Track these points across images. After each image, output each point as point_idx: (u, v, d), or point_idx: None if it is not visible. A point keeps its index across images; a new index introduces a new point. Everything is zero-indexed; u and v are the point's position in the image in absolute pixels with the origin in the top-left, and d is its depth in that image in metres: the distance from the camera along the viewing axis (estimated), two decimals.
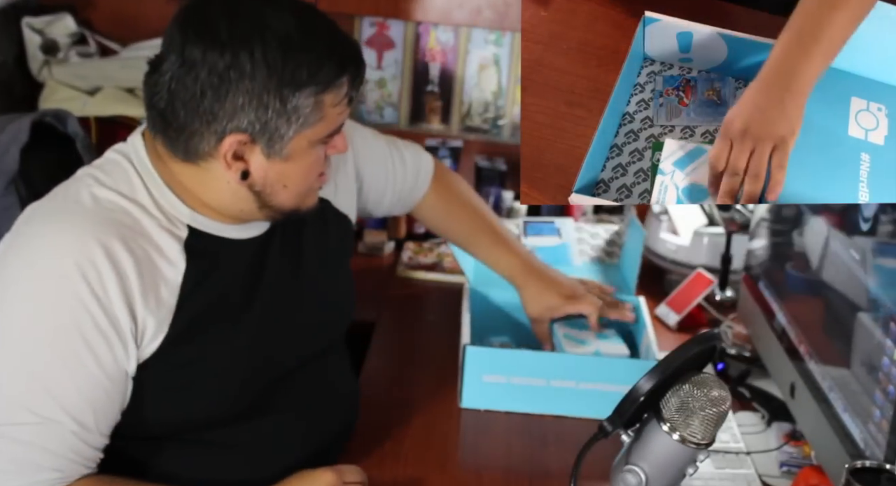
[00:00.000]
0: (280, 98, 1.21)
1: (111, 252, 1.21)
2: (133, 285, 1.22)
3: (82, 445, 1.22)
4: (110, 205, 1.25)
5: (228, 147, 1.23)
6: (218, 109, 1.20)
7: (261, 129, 1.22)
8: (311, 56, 1.21)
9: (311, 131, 1.25)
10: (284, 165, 1.26)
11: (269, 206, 1.31)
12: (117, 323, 1.21)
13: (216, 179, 1.27)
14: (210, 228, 1.31)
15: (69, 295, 1.19)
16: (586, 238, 2.21)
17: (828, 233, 1.49)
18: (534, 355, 1.69)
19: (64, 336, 1.19)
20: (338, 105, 1.26)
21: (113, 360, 1.22)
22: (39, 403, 1.19)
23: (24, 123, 1.45)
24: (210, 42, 1.18)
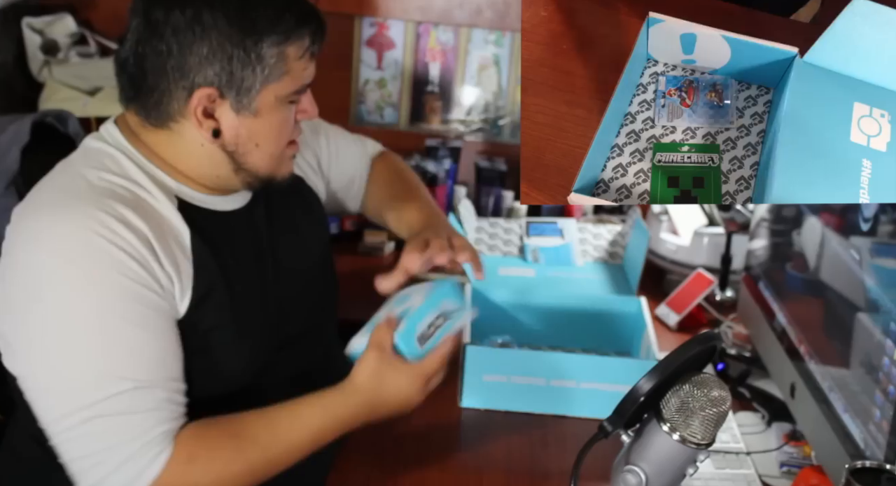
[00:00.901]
0: (243, 48, 1.25)
1: (125, 219, 1.24)
2: (156, 246, 1.25)
3: (173, 394, 1.26)
4: (105, 183, 1.27)
5: (198, 102, 1.26)
6: (184, 64, 1.24)
7: (227, 81, 1.25)
8: (269, 8, 1.26)
9: (278, 85, 1.28)
10: (254, 122, 1.29)
11: (244, 168, 1.33)
12: (156, 276, 1.25)
13: (190, 143, 1.30)
14: (196, 200, 1.34)
15: (109, 264, 1.22)
16: (589, 238, 2.22)
17: (828, 233, 1.49)
18: (534, 355, 1.69)
19: (122, 301, 1.22)
20: (301, 59, 1.29)
21: (166, 309, 1.26)
22: (130, 367, 1.22)
23: (24, 123, 1.44)
24: (172, 1, 1.24)
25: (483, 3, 2.39)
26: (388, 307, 1.44)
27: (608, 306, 1.88)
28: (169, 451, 1.24)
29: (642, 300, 1.85)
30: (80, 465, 1.23)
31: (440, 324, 1.42)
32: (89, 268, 1.22)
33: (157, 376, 1.24)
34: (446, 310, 1.43)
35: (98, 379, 1.21)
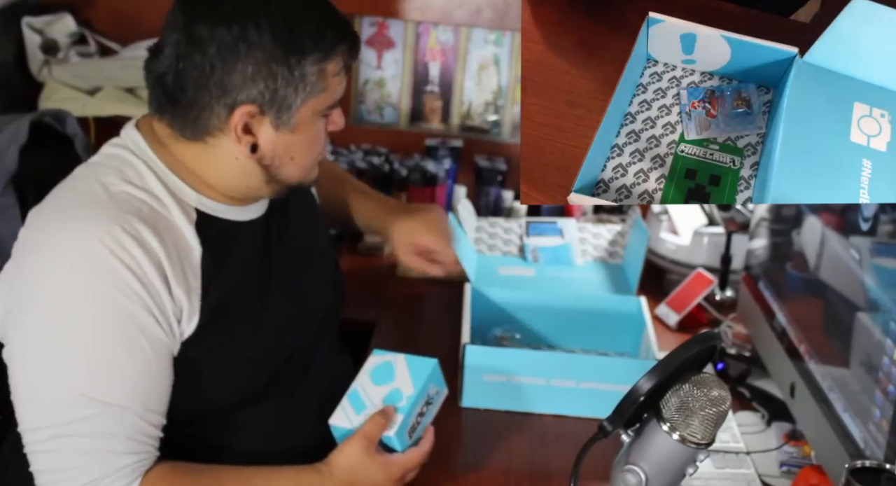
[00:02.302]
0: (288, 66, 1.24)
1: (139, 236, 1.23)
2: (166, 266, 1.24)
3: (149, 426, 1.25)
4: (124, 195, 1.26)
5: (239, 119, 1.26)
6: (228, 82, 1.24)
7: (270, 98, 1.25)
8: (312, 25, 1.26)
9: (316, 101, 1.29)
10: (291, 137, 1.30)
11: (277, 179, 1.33)
12: (161, 303, 1.24)
13: (224, 156, 1.29)
14: (216, 211, 1.33)
15: (112, 282, 1.21)
16: (588, 238, 2.21)
17: (827, 233, 1.49)
18: (534, 355, 1.69)
19: (116, 323, 1.22)
20: (338, 74, 1.30)
21: (163, 339, 1.25)
22: (105, 391, 1.21)
23: (23, 123, 1.44)
24: (217, 18, 1.22)
25: (483, 3, 2.39)
26: (367, 376, 1.43)
27: (608, 306, 1.88)
28: (137, 484, 1.23)
29: (642, 300, 1.85)
30: (45, 479, 1.23)
31: (425, 411, 1.43)
32: (91, 282, 1.21)
33: (137, 404, 1.23)
34: (430, 395, 1.44)
35: (76, 397, 1.20)
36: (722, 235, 2.07)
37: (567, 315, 1.88)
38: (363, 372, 1.44)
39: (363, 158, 2.40)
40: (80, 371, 1.21)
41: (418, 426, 1.42)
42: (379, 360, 1.46)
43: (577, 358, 1.68)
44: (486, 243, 2.20)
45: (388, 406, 1.38)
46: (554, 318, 1.88)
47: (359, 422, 1.38)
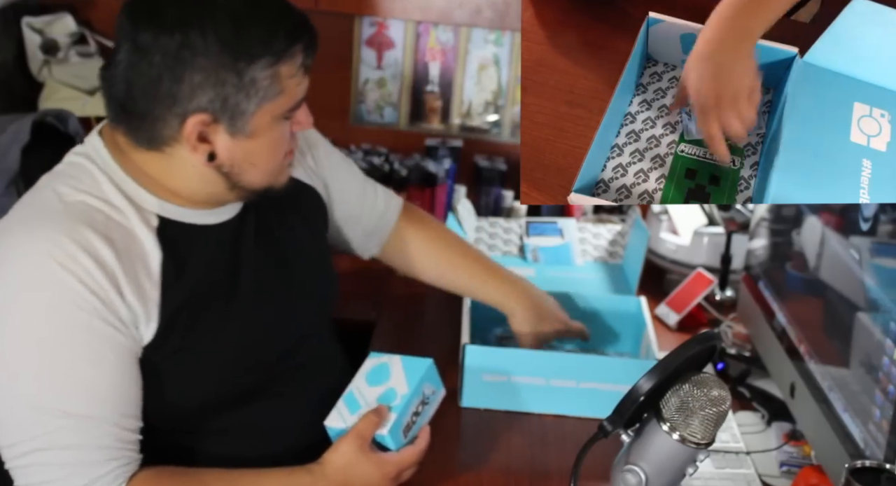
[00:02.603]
0: (236, 72, 1.21)
1: (88, 245, 1.21)
2: (118, 274, 1.23)
3: (125, 432, 1.24)
4: (79, 205, 1.25)
5: (192, 129, 1.23)
6: (177, 91, 1.20)
7: (222, 106, 1.22)
8: (261, 28, 1.21)
9: (273, 105, 1.25)
10: (249, 143, 1.26)
11: (240, 186, 1.31)
12: (116, 310, 1.22)
13: (183, 164, 1.27)
14: (180, 216, 1.31)
15: (65, 295, 1.20)
16: (589, 238, 2.22)
17: (827, 233, 1.49)
18: (533, 355, 1.69)
19: (74, 334, 1.20)
20: (294, 76, 1.26)
21: (124, 344, 1.24)
22: (75, 403, 1.20)
23: (24, 123, 1.44)
24: (160, 25, 1.19)
25: (483, 3, 2.39)
26: (363, 378, 1.44)
27: (608, 306, 1.88)
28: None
29: (642, 300, 1.85)
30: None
31: (420, 411, 1.43)
32: (44, 296, 1.20)
33: (107, 413, 1.22)
34: (426, 394, 1.44)
35: (45, 411, 1.19)
36: (722, 235, 2.07)
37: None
38: (359, 374, 1.45)
39: (363, 158, 2.40)
40: (45, 385, 1.20)
41: (413, 426, 1.41)
42: (375, 361, 1.46)
43: (577, 358, 1.68)
44: (486, 242, 2.20)
45: (381, 405, 1.38)
46: None
47: (353, 422, 1.38)
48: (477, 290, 1.77)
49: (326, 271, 1.56)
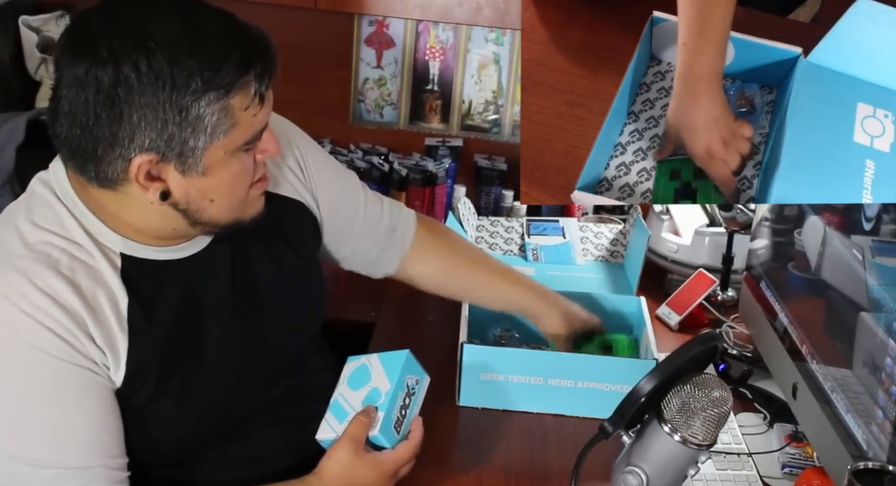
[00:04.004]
0: (178, 110, 1.11)
1: (52, 292, 1.15)
2: (86, 319, 1.17)
3: (115, 472, 1.21)
4: (42, 245, 1.19)
5: (138, 170, 1.14)
6: (116, 131, 1.11)
7: (167, 146, 1.13)
8: (203, 60, 1.10)
9: (226, 141, 1.15)
10: (205, 180, 1.17)
11: (201, 222, 1.23)
12: (87, 353, 1.18)
13: (138, 203, 1.18)
14: (144, 253, 1.24)
15: (36, 346, 1.14)
16: (590, 237, 2.21)
17: (830, 233, 1.49)
18: (531, 354, 1.68)
19: (51, 382, 1.16)
20: (249, 107, 1.15)
21: (102, 383, 1.20)
22: (62, 453, 1.17)
23: (19, 121, 1.43)
24: (92, 60, 1.09)
25: (483, 2, 2.38)
26: (345, 383, 1.42)
27: (608, 306, 1.88)
28: None
29: (642, 300, 1.85)
30: None
31: (408, 404, 1.40)
32: (13, 350, 1.14)
33: (94, 458, 1.18)
34: (410, 385, 1.41)
35: (28, 468, 1.16)
36: (723, 236, 2.07)
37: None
38: (341, 381, 1.42)
39: (363, 157, 2.39)
40: (26, 438, 1.16)
41: (404, 420, 1.40)
42: (353, 365, 1.44)
43: (575, 358, 1.68)
44: (487, 241, 2.20)
45: (368, 406, 1.35)
46: None
47: (343, 430, 1.36)
48: (506, 301, 1.74)
49: (312, 292, 1.49)
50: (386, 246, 1.65)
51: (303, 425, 1.40)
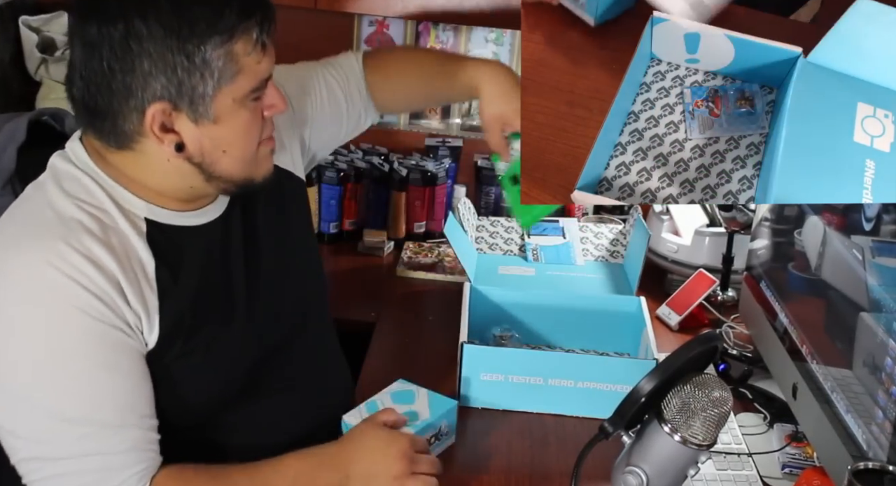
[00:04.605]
0: (186, 55, 1.18)
1: (92, 256, 1.20)
2: (120, 280, 1.22)
3: (147, 432, 1.25)
4: (73, 213, 1.23)
5: (152, 120, 1.20)
6: (130, 83, 1.18)
7: (177, 92, 1.19)
8: (206, 7, 1.18)
9: (233, 87, 1.22)
10: (216, 129, 1.23)
11: (216, 177, 1.28)
12: (122, 315, 1.22)
13: (156, 160, 1.24)
14: (168, 219, 1.30)
15: (72, 306, 1.18)
16: (590, 237, 2.21)
17: (830, 233, 1.49)
18: (532, 354, 1.68)
19: (87, 341, 1.19)
20: (252, 53, 1.22)
21: (134, 346, 1.24)
22: (96, 411, 1.20)
23: (21, 122, 1.44)
24: (102, 18, 1.17)
25: (483, 2, 2.38)
26: (388, 394, 1.52)
27: (608, 306, 1.88)
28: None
29: (642, 300, 1.85)
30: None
31: (432, 443, 1.49)
32: (52, 309, 1.18)
33: (127, 417, 1.22)
34: (441, 432, 1.50)
35: (64, 425, 1.19)
36: (723, 236, 2.07)
37: (567, 315, 1.87)
38: (385, 391, 1.53)
39: (363, 157, 2.39)
40: (63, 396, 1.19)
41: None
42: (403, 386, 1.56)
43: (575, 358, 1.68)
44: (487, 241, 2.20)
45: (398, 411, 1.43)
46: (553, 317, 1.88)
47: None
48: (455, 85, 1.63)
49: (317, 266, 1.56)
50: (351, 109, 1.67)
51: (317, 391, 1.46)
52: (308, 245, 1.55)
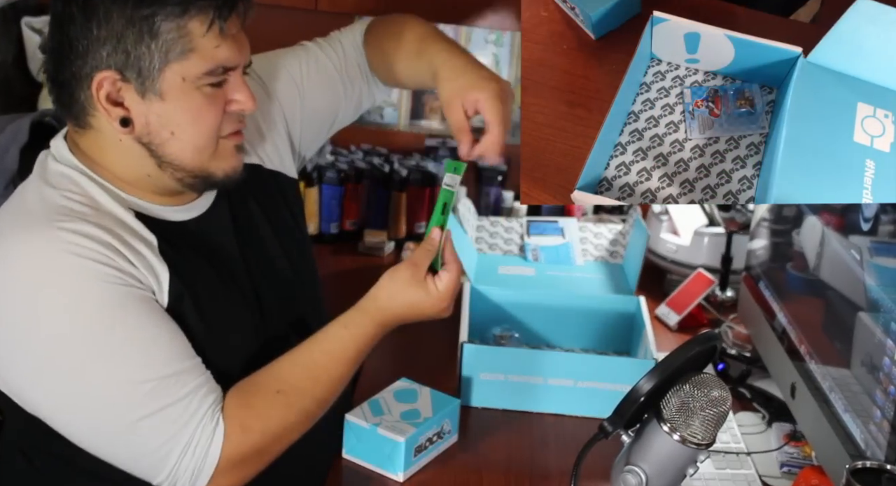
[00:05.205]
0: (134, 22, 1.18)
1: (83, 231, 1.21)
2: (124, 251, 1.22)
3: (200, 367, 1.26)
4: (65, 202, 1.24)
5: (99, 86, 1.21)
6: (83, 50, 1.19)
7: (125, 61, 1.19)
8: None
9: (183, 64, 1.21)
10: (164, 106, 1.22)
11: (167, 162, 1.26)
12: (132, 273, 1.22)
13: (110, 140, 1.25)
14: (150, 211, 1.30)
15: (86, 276, 1.19)
16: (589, 237, 2.21)
17: (828, 233, 1.49)
18: (532, 354, 1.69)
19: (114, 307, 1.20)
20: (208, 35, 1.21)
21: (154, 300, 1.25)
22: (146, 369, 1.20)
23: (23, 123, 1.44)
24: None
25: (483, 2, 2.38)
26: (391, 392, 1.54)
27: (607, 306, 1.88)
28: (222, 426, 1.23)
29: (641, 300, 1.85)
30: (144, 464, 1.23)
31: (434, 441, 1.50)
32: (70, 285, 1.19)
33: (177, 363, 1.22)
34: (444, 429, 1.51)
35: (123, 389, 1.20)
36: (722, 236, 2.07)
37: (566, 315, 1.87)
38: (387, 389, 1.54)
39: (363, 158, 2.40)
40: (114, 364, 1.20)
41: (424, 451, 1.47)
42: (404, 385, 1.57)
43: (575, 357, 1.68)
44: (487, 241, 2.20)
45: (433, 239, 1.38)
46: (553, 317, 1.88)
47: (374, 423, 1.45)
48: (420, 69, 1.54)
49: (308, 264, 1.54)
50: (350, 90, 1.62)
51: None
52: (300, 247, 1.53)
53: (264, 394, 1.29)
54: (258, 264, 1.42)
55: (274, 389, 1.29)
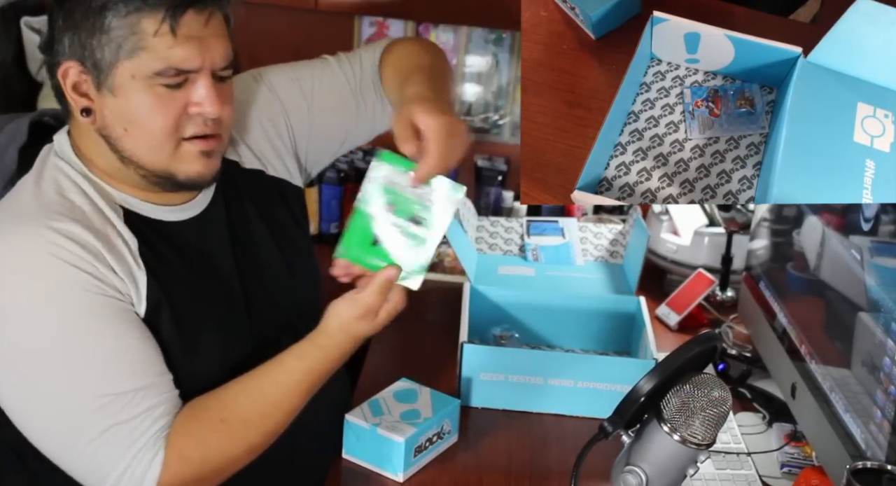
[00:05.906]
0: (90, 17, 1.21)
1: (71, 234, 1.21)
2: (104, 253, 1.22)
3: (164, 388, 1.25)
4: (55, 199, 1.25)
5: (65, 75, 1.24)
6: (55, 39, 1.24)
7: (82, 53, 1.22)
8: None
9: (134, 63, 1.21)
10: (115, 102, 1.24)
11: (127, 158, 1.27)
12: (112, 284, 1.22)
13: (85, 130, 1.28)
14: (141, 210, 1.31)
15: (64, 281, 1.20)
16: (589, 237, 2.21)
17: (828, 233, 1.49)
18: (532, 354, 1.69)
19: (87, 317, 1.20)
20: (160, 36, 1.20)
21: (131, 310, 1.24)
22: (106, 384, 1.20)
23: (22, 123, 1.44)
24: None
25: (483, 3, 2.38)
26: (391, 393, 1.54)
27: (607, 306, 1.88)
28: (161, 455, 1.22)
29: (641, 300, 1.85)
30: (89, 481, 1.23)
31: (434, 442, 1.51)
32: (45, 289, 1.20)
33: (139, 379, 1.22)
34: (444, 429, 1.52)
35: (77, 401, 1.20)
36: (723, 236, 2.07)
37: (566, 315, 1.87)
38: (387, 390, 1.54)
39: (363, 158, 2.40)
40: (75, 375, 1.20)
41: (424, 451, 1.48)
42: (405, 385, 1.57)
43: (575, 358, 1.68)
44: (487, 241, 2.20)
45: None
46: (553, 317, 1.88)
47: (373, 423, 1.45)
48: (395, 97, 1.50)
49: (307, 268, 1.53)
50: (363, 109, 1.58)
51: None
52: (302, 249, 1.52)
53: (209, 422, 1.27)
54: (251, 269, 1.41)
55: (219, 417, 1.27)
